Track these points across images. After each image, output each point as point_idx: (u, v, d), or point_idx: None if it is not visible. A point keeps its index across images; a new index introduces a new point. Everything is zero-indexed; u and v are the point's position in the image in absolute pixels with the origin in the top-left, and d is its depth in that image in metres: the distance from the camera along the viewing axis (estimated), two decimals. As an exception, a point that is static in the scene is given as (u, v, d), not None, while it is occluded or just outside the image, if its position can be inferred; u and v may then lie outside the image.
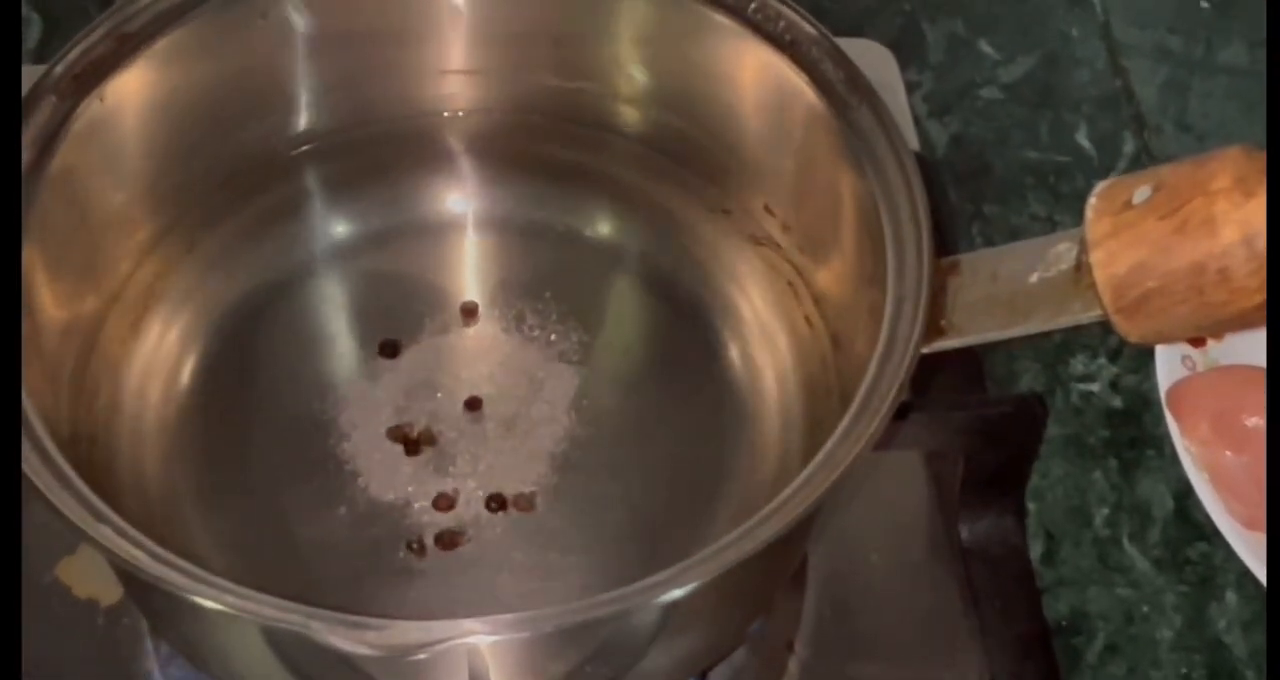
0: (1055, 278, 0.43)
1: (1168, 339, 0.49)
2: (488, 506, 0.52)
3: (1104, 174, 0.73)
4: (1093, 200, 0.41)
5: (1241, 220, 0.38)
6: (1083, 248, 0.41)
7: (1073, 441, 0.62)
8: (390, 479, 0.52)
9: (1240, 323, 0.41)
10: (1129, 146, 0.72)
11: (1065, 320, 0.43)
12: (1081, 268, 0.41)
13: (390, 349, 0.54)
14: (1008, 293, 0.45)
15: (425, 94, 0.59)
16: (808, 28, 0.51)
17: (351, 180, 0.59)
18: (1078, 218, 0.48)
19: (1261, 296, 0.39)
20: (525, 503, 0.53)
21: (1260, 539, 0.54)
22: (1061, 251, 0.43)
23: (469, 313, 0.57)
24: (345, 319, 0.59)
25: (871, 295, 0.46)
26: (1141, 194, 0.40)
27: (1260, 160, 0.39)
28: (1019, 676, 0.54)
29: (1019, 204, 0.70)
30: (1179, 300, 0.40)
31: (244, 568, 0.48)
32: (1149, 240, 0.39)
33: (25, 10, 0.75)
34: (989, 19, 0.78)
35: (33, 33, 0.74)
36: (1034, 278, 0.44)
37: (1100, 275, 0.40)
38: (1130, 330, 0.41)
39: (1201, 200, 0.38)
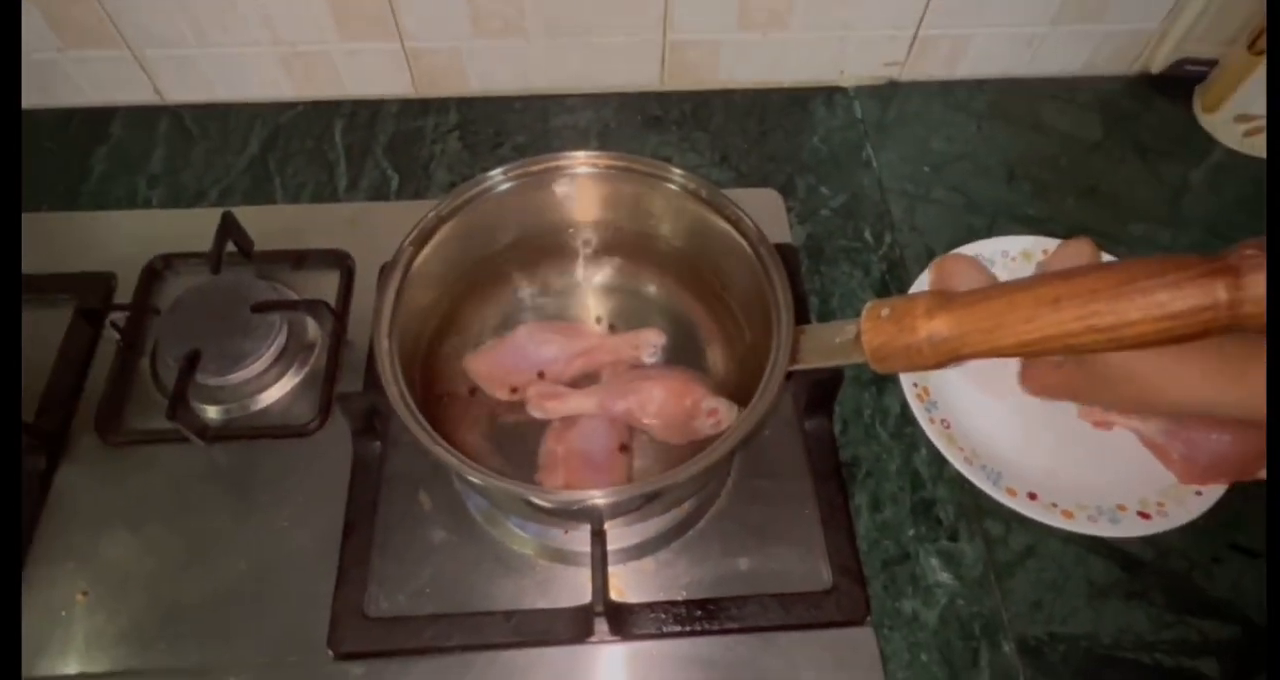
0: (846, 341, 0.51)
1: (900, 372, 0.56)
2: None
3: (876, 252, 0.82)
4: (864, 310, 0.49)
5: (929, 329, 0.46)
6: (859, 331, 0.49)
7: (854, 380, 0.74)
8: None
9: (934, 369, 0.48)
10: (888, 238, 0.82)
11: (852, 361, 0.51)
12: (858, 339, 0.50)
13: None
14: (825, 345, 0.53)
15: (572, 229, 0.68)
16: (741, 213, 0.60)
17: (533, 267, 0.70)
18: (865, 272, 0.68)
19: (936, 363, 0.46)
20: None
21: (934, 429, 0.66)
22: (850, 329, 0.51)
23: (598, 321, 0.68)
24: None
25: (768, 339, 0.55)
26: (885, 311, 0.48)
27: (941, 297, 0.45)
28: (827, 489, 0.67)
29: (837, 266, 0.80)
30: (902, 360, 0.48)
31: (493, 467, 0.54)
32: (887, 333, 0.48)
33: (387, 170, 0.85)
34: (825, 176, 0.88)
35: (393, 183, 0.85)
36: (837, 339, 0.52)
37: (866, 345, 0.49)
38: (880, 369, 0.49)
39: (909, 318, 0.47)
